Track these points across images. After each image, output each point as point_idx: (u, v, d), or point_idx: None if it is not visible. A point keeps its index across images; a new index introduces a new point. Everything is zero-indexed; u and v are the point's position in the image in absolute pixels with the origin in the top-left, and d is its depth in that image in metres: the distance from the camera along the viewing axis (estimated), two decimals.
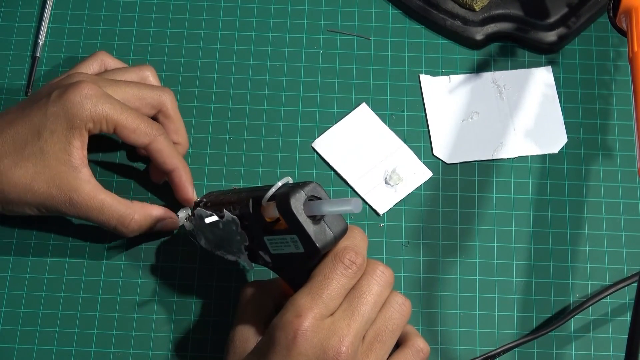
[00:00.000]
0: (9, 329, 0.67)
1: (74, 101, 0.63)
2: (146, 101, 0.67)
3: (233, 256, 0.63)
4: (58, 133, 0.63)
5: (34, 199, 0.64)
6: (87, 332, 0.67)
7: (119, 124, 0.64)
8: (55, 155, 0.63)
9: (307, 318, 0.54)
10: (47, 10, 0.78)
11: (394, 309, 0.57)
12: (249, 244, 0.60)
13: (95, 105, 0.63)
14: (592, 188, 0.72)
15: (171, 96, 0.69)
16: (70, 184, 0.63)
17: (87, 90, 0.63)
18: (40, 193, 0.63)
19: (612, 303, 0.69)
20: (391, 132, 0.73)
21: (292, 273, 0.58)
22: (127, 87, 0.67)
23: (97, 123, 0.64)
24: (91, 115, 0.63)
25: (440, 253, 0.70)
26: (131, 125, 0.64)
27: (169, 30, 0.78)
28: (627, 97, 0.75)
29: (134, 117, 0.65)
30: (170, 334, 0.67)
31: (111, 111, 0.64)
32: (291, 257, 0.57)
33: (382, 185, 0.72)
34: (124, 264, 0.69)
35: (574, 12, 0.76)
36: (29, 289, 0.69)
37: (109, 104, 0.64)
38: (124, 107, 0.65)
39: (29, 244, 0.70)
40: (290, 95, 0.75)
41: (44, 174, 0.63)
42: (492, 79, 0.76)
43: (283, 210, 0.54)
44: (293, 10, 0.78)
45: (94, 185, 0.64)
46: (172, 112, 0.69)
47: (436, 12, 0.77)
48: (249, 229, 0.59)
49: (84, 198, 0.64)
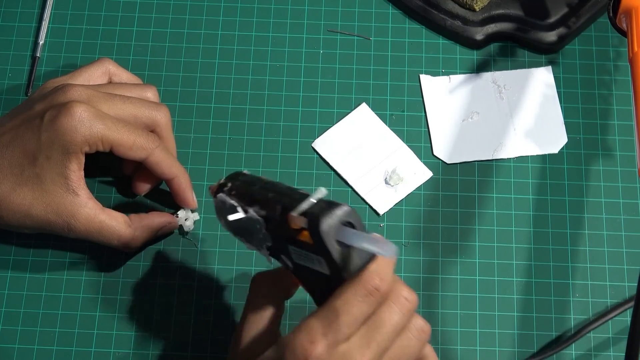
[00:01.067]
0: (9, 329, 0.67)
1: (68, 127, 0.62)
2: (140, 120, 0.66)
3: (253, 247, 0.58)
4: (54, 159, 0.63)
5: (33, 225, 0.64)
6: (87, 332, 0.67)
7: (114, 143, 0.64)
8: (52, 180, 0.63)
9: (321, 345, 0.51)
10: (47, 10, 0.78)
11: (412, 336, 0.54)
12: (272, 245, 0.56)
13: (90, 128, 0.63)
14: (592, 188, 0.72)
15: (166, 116, 0.68)
16: (67, 210, 0.63)
17: (79, 113, 0.62)
18: (39, 219, 0.64)
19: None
20: (391, 132, 0.73)
21: (313, 285, 0.55)
22: (123, 104, 0.66)
23: (92, 145, 0.63)
24: (86, 138, 0.63)
25: (440, 253, 0.70)
26: (127, 143, 0.64)
27: (169, 30, 0.78)
28: (627, 97, 0.75)
29: (129, 134, 0.64)
30: (170, 334, 0.67)
31: (106, 132, 0.63)
32: (314, 272, 0.54)
33: (382, 185, 0.72)
34: (123, 264, 0.69)
35: (574, 12, 0.76)
36: (29, 289, 0.69)
37: (102, 124, 0.63)
38: (118, 124, 0.64)
39: (29, 243, 0.70)
40: (290, 95, 0.75)
41: (41, 199, 0.63)
42: (492, 79, 0.76)
43: (313, 231, 0.51)
44: (293, 10, 0.78)
45: (91, 207, 0.64)
46: (165, 133, 0.68)
47: (436, 12, 0.77)
48: (274, 232, 0.55)
49: (82, 223, 0.64)
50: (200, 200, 0.70)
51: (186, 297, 0.68)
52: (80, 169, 0.64)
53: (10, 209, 0.64)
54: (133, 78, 0.71)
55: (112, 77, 0.70)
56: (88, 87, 0.66)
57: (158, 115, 0.67)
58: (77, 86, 0.65)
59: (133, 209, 0.70)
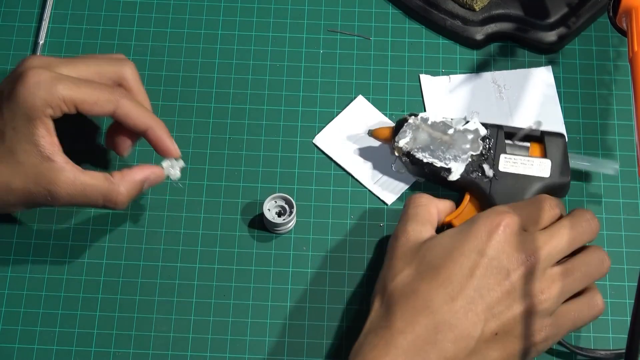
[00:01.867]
0: (9, 328, 0.67)
1: (25, 93, 0.61)
2: (105, 76, 0.65)
3: (440, 162, 0.68)
4: (20, 128, 0.62)
5: (16, 199, 0.63)
6: (87, 332, 0.67)
7: (78, 101, 0.62)
8: (24, 151, 0.62)
9: (512, 217, 0.59)
10: (47, 10, 0.78)
11: (592, 258, 0.61)
12: (477, 154, 0.67)
13: (48, 90, 0.61)
14: (592, 188, 0.72)
15: (131, 68, 0.66)
16: (46, 177, 0.62)
17: (35, 78, 0.61)
18: (20, 192, 0.62)
19: None
20: (390, 121, 0.73)
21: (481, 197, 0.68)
22: (84, 65, 0.65)
23: (55, 107, 0.62)
24: (46, 101, 0.61)
25: None
26: (90, 99, 0.63)
27: (169, 30, 0.78)
28: (627, 97, 0.75)
29: (92, 89, 0.63)
30: (170, 334, 0.67)
31: (66, 91, 0.62)
32: (517, 178, 0.67)
33: (387, 175, 0.72)
34: (124, 264, 0.69)
35: (574, 12, 0.76)
36: (29, 289, 0.69)
37: (61, 84, 0.62)
38: (78, 82, 0.63)
39: (29, 243, 0.70)
40: (290, 95, 0.75)
41: (18, 172, 0.62)
42: (492, 78, 0.76)
43: (558, 147, 0.68)
44: (293, 10, 0.78)
45: (70, 170, 0.63)
46: (133, 84, 0.66)
47: (436, 12, 0.77)
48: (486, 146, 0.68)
49: (63, 187, 0.62)
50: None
51: (186, 297, 0.68)
52: (50, 135, 0.62)
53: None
54: None
55: None
56: (48, 56, 0.65)
57: (122, 69, 0.66)
58: (35, 56, 0.65)
59: None
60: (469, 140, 0.68)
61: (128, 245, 0.70)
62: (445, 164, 0.68)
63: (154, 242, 0.70)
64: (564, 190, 0.68)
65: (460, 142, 0.68)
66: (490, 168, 0.67)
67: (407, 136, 0.69)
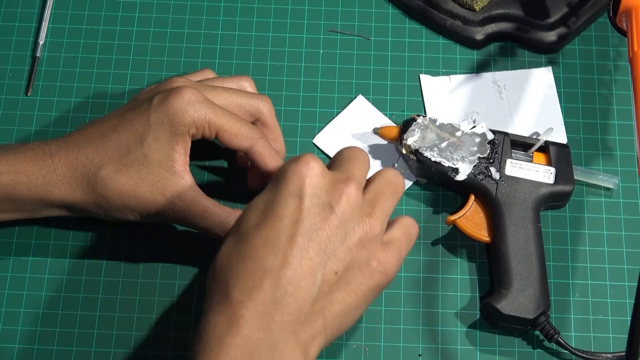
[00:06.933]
0: (9, 328, 0.67)
1: (177, 107, 0.63)
2: (244, 109, 0.67)
3: (448, 162, 0.68)
4: (161, 139, 0.63)
5: (137, 205, 0.64)
6: (87, 332, 0.67)
7: (221, 128, 0.64)
8: (159, 162, 0.63)
9: (312, 156, 0.57)
10: (47, 10, 0.78)
11: (387, 173, 0.60)
12: (484, 157, 0.69)
13: (198, 110, 0.63)
14: (593, 188, 0.72)
15: (269, 104, 0.68)
16: (173, 190, 0.63)
17: (189, 96, 0.63)
18: (144, 199, 0.63)
19: None
20: (389, 121, 0.74)
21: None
22: (226, 94, 0.66)
23: (199, 128, 0.63)
24: (194, 120, 0.63)
25: (440, 253, 0.70)
26: (233, 130, 0.64)
27: (169, 30, 0.78)
28: (627, 97, 0.75)
29: (235, 122, 0.64)
30: (170, 334, 0.67)
31: (213, 116, 0.63)
32: (523, 183, 0.68)
33: None
34: (124, 264, 0.69)
35: (574, 12, 0.76)
36: (29, 289, 0.69)
37: (210, 109, 0.63)
38: (225, 111, 0.64)
39: (29, 243, 0.70)
40: (290, 95, 0.75)
41: (147, 180, 0.63)
42: (492, 79, 0.76)
43: (563, 156, 0.69)
44: (293, 10, 0.78)
45: (196, 192, 0.64)
46: (270, 120, 0.68)
47: (436, 12, 0.77)
48: (493, 150, 0.69)
49: (187, 204, 0.64)
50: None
51: (186, 297, 0.68)
52: (185, 154, 0.64)
53: (115, 189, 0.63)
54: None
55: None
56: (190, 79, 0.67)
57: (261, 103, 0.67)
58: (181, 77, 0.67)
59: None
60: (476, 142, 0.69)
61: (128, 245, 0.70)
62: (453, 164, 0.68)
63: (154, 242, 0.70)
64: (567, 197, 0.69)
65: (467, 144, 0.69)
66: (497, 171, 0.68)
67: (415, 135, 0.69)
